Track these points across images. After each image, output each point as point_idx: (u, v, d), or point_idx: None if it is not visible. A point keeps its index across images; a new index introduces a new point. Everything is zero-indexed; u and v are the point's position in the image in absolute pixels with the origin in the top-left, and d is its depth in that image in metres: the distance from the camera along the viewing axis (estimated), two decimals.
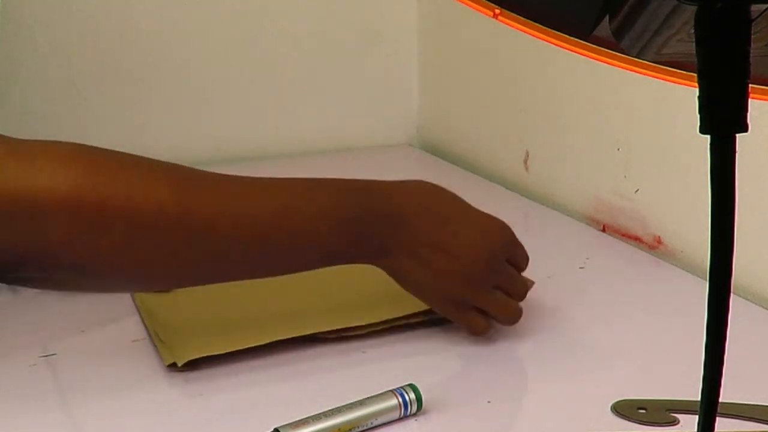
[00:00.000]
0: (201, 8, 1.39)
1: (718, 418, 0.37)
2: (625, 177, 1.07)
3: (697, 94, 0.36)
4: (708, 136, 0.35)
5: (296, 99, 1.46)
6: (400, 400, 0.68)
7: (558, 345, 0.81)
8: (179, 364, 0.75)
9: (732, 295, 0.36)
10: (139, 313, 0.86)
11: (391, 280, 0.80)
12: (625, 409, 0.69)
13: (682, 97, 0.41)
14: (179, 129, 1.41)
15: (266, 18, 1.42)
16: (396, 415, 0.68)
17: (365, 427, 0.67)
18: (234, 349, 0.77)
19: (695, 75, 0.35)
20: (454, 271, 0.78)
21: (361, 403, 0.67)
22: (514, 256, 0.81)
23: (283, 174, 0.74)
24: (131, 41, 1.36)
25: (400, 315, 0.83)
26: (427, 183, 0.81)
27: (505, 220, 0.80)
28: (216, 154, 1.41)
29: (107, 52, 1.34)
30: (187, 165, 0.73)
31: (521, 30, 0.40)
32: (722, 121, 0.35)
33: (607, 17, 0.38)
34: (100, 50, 1.34)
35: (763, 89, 0.40)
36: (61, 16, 1.31)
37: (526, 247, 0.81)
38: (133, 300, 0.88)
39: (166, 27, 1.38)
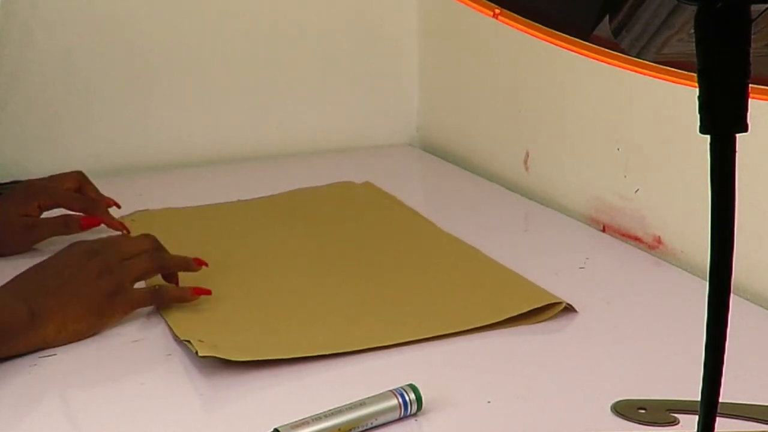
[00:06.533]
0: (201, 9, 1.39)
1: (718, 418, 0.37)
2: (625, 177, 1.07)
3: (697, 94, 0.36)
4: (708, 136, 0.35)
5: (296, 99, 1.46)
6: (400, 400, 0.68)
7: (558, 345, 0.81)
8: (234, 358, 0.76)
9: (732, 295, 0.36)
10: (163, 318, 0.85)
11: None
12: (625, 409, 0.69)
13: (682, 97, 0.41)
14: (179, 129, 1.41)
15: (266, 18, 1.42)
16: (396, 415, 0.68)
17: (365, 427, 0.67)
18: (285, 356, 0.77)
19: (695, 75, 0.36)
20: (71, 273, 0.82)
21: (361, 403, 0.67)
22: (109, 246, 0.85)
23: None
24: (131, 41, 1.36)
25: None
26: None
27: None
28: (216, 154, 1.42)
29: (108, 52, 1.34)
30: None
31: (521, 30, 0.40)
32: (722, 121, 0.35)
33: (607, 17, 0.38)
34: (100, 50, 1.34)
35: (763, 89, 0.40)
36: (61, 16, 1.31)
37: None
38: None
39: (166, 27, 1.38)
